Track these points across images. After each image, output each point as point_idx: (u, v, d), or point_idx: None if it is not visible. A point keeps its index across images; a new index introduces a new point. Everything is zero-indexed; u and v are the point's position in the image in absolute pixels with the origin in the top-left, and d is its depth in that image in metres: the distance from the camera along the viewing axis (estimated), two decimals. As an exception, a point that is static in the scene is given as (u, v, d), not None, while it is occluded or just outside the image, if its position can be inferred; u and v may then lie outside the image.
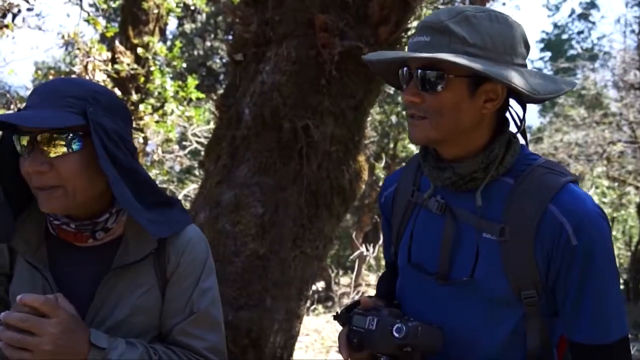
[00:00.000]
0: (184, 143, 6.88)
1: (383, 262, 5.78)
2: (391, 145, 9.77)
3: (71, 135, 0.98)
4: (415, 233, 1.08)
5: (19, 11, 5.97)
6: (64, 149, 0.98)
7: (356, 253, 5.27)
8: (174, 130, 6.37)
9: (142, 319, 1.07)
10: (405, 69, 0.99)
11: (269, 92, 1.99)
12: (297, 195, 2.02)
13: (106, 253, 1.07)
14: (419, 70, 0.95)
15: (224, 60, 16.83)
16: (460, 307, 1.02)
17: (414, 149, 9.99)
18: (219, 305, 1.16)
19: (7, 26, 4.97)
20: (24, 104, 1.08)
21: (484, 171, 0.99)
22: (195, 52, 15.52)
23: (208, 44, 16.17)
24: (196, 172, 9.94)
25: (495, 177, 1.00)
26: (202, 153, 8.21)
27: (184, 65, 7.25)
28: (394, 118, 8.97)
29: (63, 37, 5.69)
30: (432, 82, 0.95)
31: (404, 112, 9.45)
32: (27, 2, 5.40)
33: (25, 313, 0.91)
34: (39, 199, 1.02)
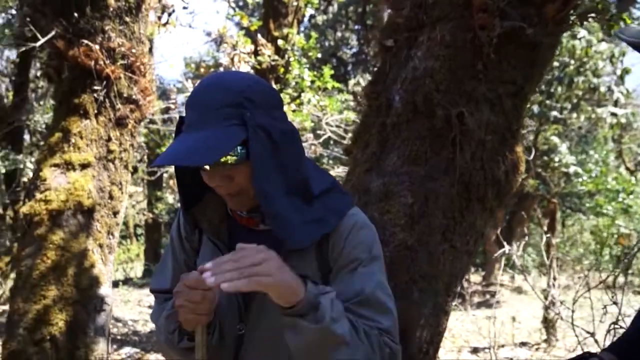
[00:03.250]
0: (318, 132, 7.06)
1: (518, 262, 5.40)
2: (531, 137, 9.07)
3: (239, 148, 1.00)
4: None
5: (174, 11, 6.55)
6: (236, 162, 1.01)
7: (500, 252, 4.98)
8: (308, 119, 6.56)
9: None
10: None
11: (421, 78, 1.92)
12: (448, 186, 1.93)
13: (276, 237, 1.11)
14: None
15: (354, 50, 16.97)
16: None
17: (556, 141, 9.17)
18: (387, 292, 1.13)
19: (167, 23, 5.47)
20: (180, 95, 1.14)
21: None
22: (327, 43, 15.86)
23: (339, 34, 16.41)
24: (325, 160, 10.17)
25: None
26: (332, 142, 8.33)
27: (318, 55, 7.40)
28: (535, 107, 8.29)
29: (209, 34, 6.12)
30: None
31: (547, 102, 8.70)
32: (183, 0, 5.89)
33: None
34: (226, 200, 1.09)
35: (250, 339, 1.11)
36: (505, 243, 4.84)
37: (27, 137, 10.05)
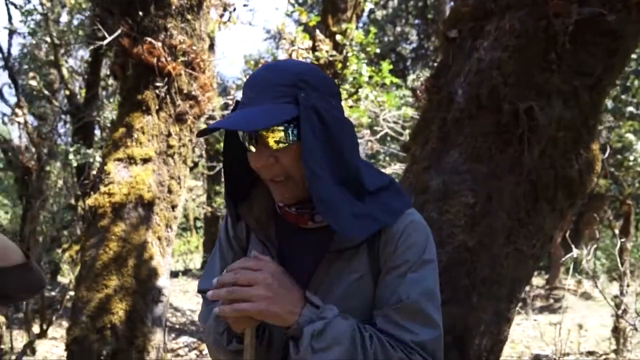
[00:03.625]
0: (375, 128, 6.95)
1: (586, 266, 5.07)
2: (604, 134, 8.51)
3: (289, 126, 0.97)
4: None
5: (235, 9, 6.63)
6: (285, 141, 0.97)
7: (568, 256, 4.71)
8: (365, 116, 6.47)
9: (355, 307, 1.02)
10: None
11: (486, 70, 1.80)
12: (514, 186, 1.81)
13: (326, 236, 1.05)
14: None
15: (414, 45, 16.64)
16: None
17: (632, 138, 8.57)
18: (436, 302, 1.03)
19: (228, 21, 5.56)
20: (239, 92, 1.11)
21: None
22: (386, 39, 15.64)
23: (398, 29, 16.14)
24: (382, 157, 10.03)
25: None
26: (389, 138, 8.19)
27: (377, 50, 7.28)
28: (609, 102, 7.77)
29: (269, 31, 6.16)
30: None
31: (622, 96, 8.14)
32: (244, -3, 5.96)
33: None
34: (271, 189, 1.05)
35: None
36: (573, 246, 4.56)
37: (97, 132, 10.58)
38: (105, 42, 3.40)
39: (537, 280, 10.24)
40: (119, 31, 3.37)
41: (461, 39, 1.94)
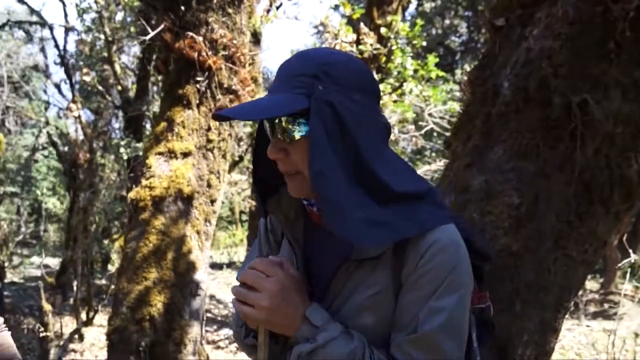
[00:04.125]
0: (420, 123, 6.78)
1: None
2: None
3: (300, 119, 0.92)
4: None
5: (281, 4, 6.61)
6: (296, 135, 0.93)
7: (625, 261, 4.43)
8: (410, 110, 6.32)
9: (369, 323, 0.95)
10: None
11: (536, 60, 1.67)
12: (564, 186, 1.67)
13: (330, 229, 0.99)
14: None
15: (463, 39, 16.19)
16: None
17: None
18: (458, 338, 0.91)
19: (272, 16, 5.55)
20: None
21: None
22: (434, 31, 15.28)
23: (447, 22, 15.74)
24: (427, 153, 9.81)
25: None
26: (435, 134, 8.00)
27: (424, 43, 7.09)
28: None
29: (316, 26, 6.11)
30: None
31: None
32: (289, -8, 5.93)
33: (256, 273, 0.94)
34: (287, 183, 1.00)
35: None
36: (630, 250, 4.28)
37: (148, 126, 10.91)
38: (148, 37, 3.45)
39: (591, 284, 9.77)
40: (161, 26, 3.40)
41: (509, 27, 1.82)
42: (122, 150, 8.22)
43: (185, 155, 3.17)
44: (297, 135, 0.93)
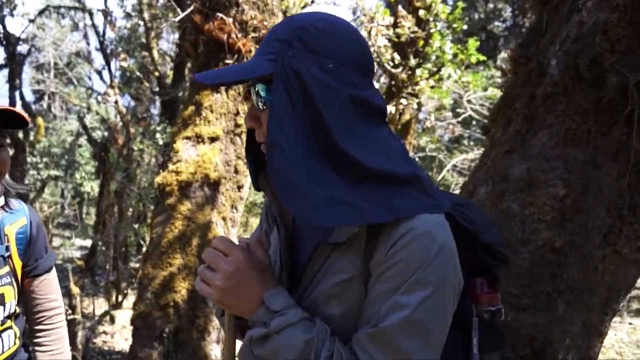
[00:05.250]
0: (458, 110, 6.54)
1: None
2: None
3: (267, 86, 0.86)
4: None
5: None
6: (261, 102, 0.88)
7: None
8: (448, 97, 6.09)
9: (336, 313, 0.87)
10: None
11: (589, 35, 1.50)
12: (617, 176, 1.50)
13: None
14: None
15: (507, 24, 15.59)
16: None
17: None
18: (423, 339, 0.80)
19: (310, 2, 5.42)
20: None
21: None
22: (476, 16, 14.76)
23: (490, 5, 15.17)
24: (465, 142, 9.51)
25: None
26: (474, 122, 7.70)
27: (465, 27, 6.80)
28: None
29: (354, 11, 5.95)
30: None
31: None
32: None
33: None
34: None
35: None
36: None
37: (184, 112, 10.99)
38: (178, 18, 3.38)
39: None
40: (191, 7, 3.33)
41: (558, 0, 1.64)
42: (158, 135, 8.30)
43: (213, 140, 3.11)
44: (264, 103, 0.87)
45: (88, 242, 11.26)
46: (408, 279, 0.80)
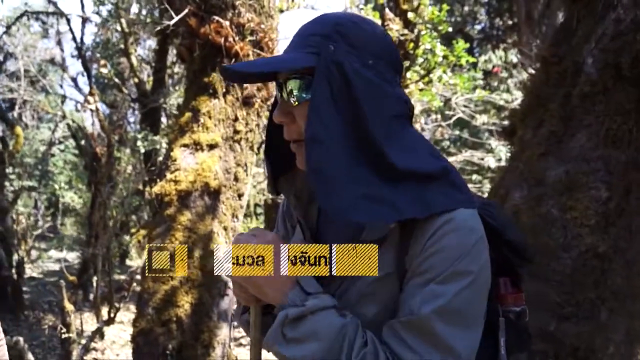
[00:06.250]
0: (447, 112, 6.53)
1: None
2: None
3: (305, 80, 0.84)
4: None
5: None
6: (298, 95, 0.85)
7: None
8: (436, 99, 6.08)
9: (371, 311, 0.85)
10: None
11: (628, 33, 1.45)
12: (661, 178, 1.45)
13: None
14: None
15: (483, 25, 15.79)
16: None
17: None
18: (458, 325, 0.80)
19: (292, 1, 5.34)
20: None
21: None
22: (453, 19, 14.91)
23: (466, 8, 15.35)
24: (445, 143, 9.53)
25: None
26: (457, 125, 7.64)
27: (449, 29, 6.82)
28: None
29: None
30: None
31: None
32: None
33: None
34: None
35: None
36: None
37: (164, 119, 10.77)
38: (172, 21, 3.26)
39: None
40: (185, 10, 3.21)
41: (590, -4, 1.59)
42: (139, 143, 8.09)
43: (212, 147, 2.99)
44: (303, 97, 0.84)
45: (66, 255, 10.90)
46: (447, 269, 0.80)
